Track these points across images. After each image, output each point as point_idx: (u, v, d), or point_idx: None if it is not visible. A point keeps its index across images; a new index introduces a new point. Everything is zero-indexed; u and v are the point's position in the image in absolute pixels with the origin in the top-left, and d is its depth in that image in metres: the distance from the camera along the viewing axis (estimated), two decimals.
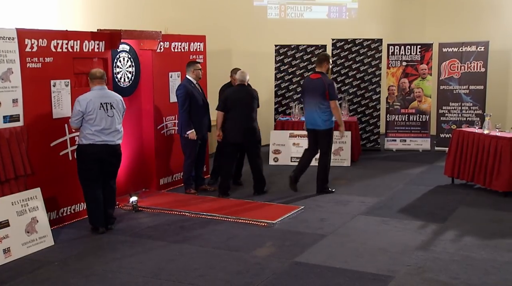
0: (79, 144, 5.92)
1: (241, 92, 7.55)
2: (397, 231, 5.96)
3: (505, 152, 7.20)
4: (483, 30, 10.96)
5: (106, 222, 6.06)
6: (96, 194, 5.94)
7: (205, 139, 7.90)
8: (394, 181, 8.34)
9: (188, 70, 7.50)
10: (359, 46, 10.75)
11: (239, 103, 7.46)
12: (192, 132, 7.36)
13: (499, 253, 5.25)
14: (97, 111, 5.80)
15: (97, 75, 5.94)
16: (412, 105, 10.80)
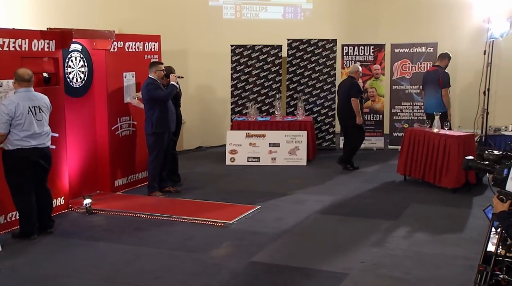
0: (5, 150, 5.57)
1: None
2: (352, 229, 6.10)
3: (453, 149, 7.48)
4: (432, 31, 11.31)
5: (45, 226, 5.88)
6: (30, 199, 5.69)
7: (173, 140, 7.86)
8: (349, 179, 8.51)
9: (151, 71, 7.41)
10: (314, 47, 10.91)
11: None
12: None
13: (448, 247, 5.45)
14: (26, 116, 5.52)
15: (26, 78, 5.58)
16: (366, 105, 10.98)
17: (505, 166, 3.60)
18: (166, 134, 7.47)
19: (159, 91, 7.32)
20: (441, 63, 8.40)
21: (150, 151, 7.49)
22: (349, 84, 8.92)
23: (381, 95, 11.00)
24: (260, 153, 9.54)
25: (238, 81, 10.92)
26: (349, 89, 8.83)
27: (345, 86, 9.09)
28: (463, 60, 11.08)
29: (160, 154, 7.45)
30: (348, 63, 10.93)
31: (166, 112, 7.39)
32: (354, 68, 9.16)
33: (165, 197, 7.44)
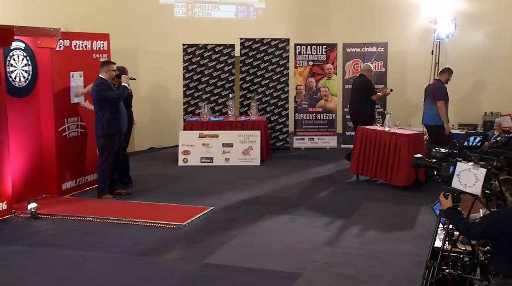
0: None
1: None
2: (305, 228, 6.16)
3: (403, 148, 7.67)
4: (382, 31, 11.59)
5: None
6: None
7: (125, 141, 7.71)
8: (303, 178, 8.58)
9: (102, 70, 7.22)
10: (267, 46, 10.96)
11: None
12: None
13: (398, 244, 5.59)
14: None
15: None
16: (319, 104, 11.17)
17: (451, 163, 3.72)
18: (117, 136, 7.32)
19: (110, 92, 7.17)
20: (441, 77, 8.58)
21: (100, 152, 7.32)
22: (360, 83, 9.19)
23: (333, 95, 11.15)
24: (213, 153, 9.50)
25: (190, 81, 10.83)
26: (362, 89, 9.07)
27: (356, 84, 9.33)
28: (413, 60, 11.41)
29: (111, 156, 7.29)
30: (301, 62, 11.05)
31: (117, 113, 7.24)
32: (366, 67, 9.39)
33: (115, 200, 7.30)
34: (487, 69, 10.99)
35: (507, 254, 3.25)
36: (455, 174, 3.57)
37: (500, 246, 3.32)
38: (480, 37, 11.07)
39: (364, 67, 9.43)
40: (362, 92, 9.15)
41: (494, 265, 3.39)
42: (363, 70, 9.37)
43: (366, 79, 9.22)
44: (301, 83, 11.12)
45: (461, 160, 3.70)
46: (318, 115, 11.16)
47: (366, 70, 9.31)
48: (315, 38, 11.43)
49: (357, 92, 9.21)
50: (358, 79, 9.45)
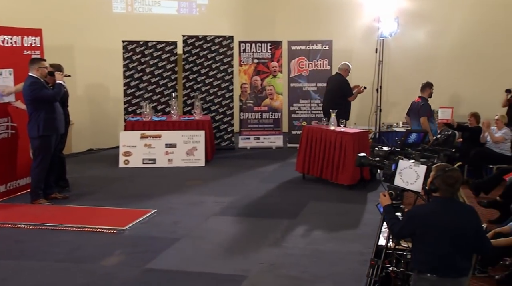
0: None
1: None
2: (251, 230, 6.17)
3: (349, 146, 7.82)
4: (327, 29, 11.78)
5: None
6: None
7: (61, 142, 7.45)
8: (249, 179, 8.61)
9: (32, 68, 6.93)
10: (211, 43, 10.91)
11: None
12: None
13: (344, 244, 5.69)
14: None
15: None
16: (265, 103, 11.23)
17: (393, 161, 3.82)
18: (53, 137, 7.07)
19: (45, 90, 6.90)
20: (423, 94, 8.73)
21: (35, 154, 7.05)
22: (338, 82, 9.25)
23: (279, 93, 11.24)
24: (156, 154, 9.36)
25: (131, 80, 10.62)
26: (339, 88, 9.17)
27: (332, 83, 9.37)
28: (357, 58, 11.64)
29: (46, 158, 7.04)
30: (245, 60, 11.06)
31: (54, 113, 7.00)
32: (344, 66, 9.42)
33: (50, 205, 7.05)
34: (429, 67, 11.38)
35: (420, 251, 3.40)
36: (397, 171, 3.68)
37: (415, 243, 3.46)
38: (422, 36, 11.46)
39: (342, 66, 9.48)
40: (339, 91, 9.24)
41: (412, 262, 3.54)
42: (340, 69, 9.45)
43: (343, 79, 9.34)
44: (246, 82, 11.13)
45: (403, 158, 3.81)
46: (263, 114, 11.22)
47: (344, 69, 9.40)
48: (260, 35, 11.48)
49: (334, 91, 9.28)
50: (334, 78, 9.51)
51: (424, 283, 3.36)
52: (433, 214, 3.35)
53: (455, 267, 3.32)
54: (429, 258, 3.34)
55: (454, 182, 3.34)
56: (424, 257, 3.37)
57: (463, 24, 11.19)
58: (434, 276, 3.32)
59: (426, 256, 3.35)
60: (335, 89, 9.28)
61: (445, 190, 3.35)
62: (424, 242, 3.37)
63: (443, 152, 4.35)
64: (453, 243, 3.29)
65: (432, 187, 3.39)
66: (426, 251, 3.35)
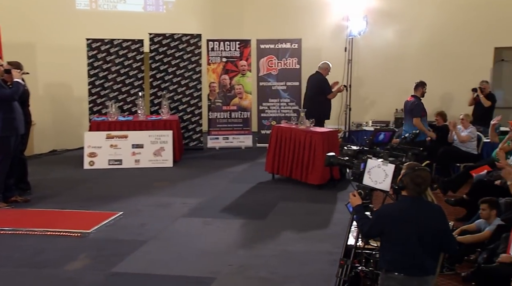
0: None
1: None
2: (220, 231, 6.15)
3: (318, 146, 7.87)
4: (296, 27, 11.84)
5: None
6: None
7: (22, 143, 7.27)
8: (217, 179, 8.58)
9: None
10: (178, 41, 10.84)
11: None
12: None
13: (313, 244, 5.73)
14: None
15: None
16: (234, 102, 11.22)
17: (362, 161, 3.86)
18: (13, 137, 6.90)
19: (2, 90, 6.74)
20: (416, 93, 8.72)
21: None
22: (317, 81, 9.30)
23: (248, 92, 11.25)
24: (122, 155, 9.25)
25: (96, 78, 10.47)
26: (319, 86, 9.27)
27: (312, 82, 9.40)
28: (327, 57, 11.65)
29: (6, 160, 6.87)
30: (213, 59, 11.03)
31: (13, 113, 6.83)
32: (324, 65, 9.50)
33: (10, 208, 6.88)
34: (397, 66, 11.56)
35: (388, 250, 3.44)
36: (366, 170, 3.71)
37: (383, 242, 3.50)
38: (390, 35, 11.63)
39: (323, 65, 9.55)
40: (319, 90, 9.33)
41: (380, 261, 3.58)
42: (320, 68, 9.51)
43: (322, 78, 9.41)
44: (214, 81, 11.10)
45: (371, 157, 3.85)
46: (232, 113, 11.21)
47: (324, 68, 9.48)
48: (228, 34, 11.47)
49: (314, 90, 9.34)
50: (314, 76, 9.55)
51: (392, 282, 3.40)
52: (401, 213, 3.39)
53: (422, 266, 3.37)
54: (396, 257, 3.38)
55: (422, 181, 3.38)
56: (391, 256, 3.41)
57: (431, 23, 11.39)
58: (402, 274, 3.36)
59: (394, 255, 3.39)
60: (314, 88, 9.36)
61: (413, 189, 3.39)
62: (392, 241, 3.40)
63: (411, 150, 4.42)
64: (421, 242, 3.33)
65: (400, 184, 3.43)
66: (394, 250, 3.39)
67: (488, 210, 5.25)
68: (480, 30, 10.98)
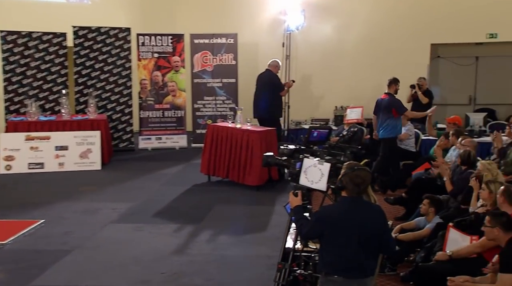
0: None
1: None
2: (152, 237, 6.06)
3: (256, 145, 7.90)
4: (232, 22, 11.83)
5: None
6: None
7: None
8: (150, 182, 8.48)
9: None
10: (105, 35, 10.60)
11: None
12: None
13: (251, 248, 5.75)
14: None
15: None
16: (167, 100, 11.10)
17: (298, 160, 3.90)
18: None
19: None
20: (390, 90, 8.57)
21: None
22: (269, 79, 9.31)
23: (182, 90, 11.15)
24: (44, 158, 8.98)
25: (13, 75, 10.08)
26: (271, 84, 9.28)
27: (264, 79, 9.35)
28: (264, 53, 11.80)
29: None
30: (144, 54, 10.87)
31: None
32: (274, 62, 9.53)
33: None
34: (336, 62, 11.80)
35: (328, 252, 3.49)
36: (302, 170, 3.75)
37: (322, 244, 3.56)
38: (328, 30, 11.84)
39: (272, 62, 9.57)
40: (271, 87, 9.34)
41: (319, 263, 3.63)
42: (270, 65, 9.52)
43: (274, 75, 9.43)
44: (145, 78, 10.94)
45: (308, 156, 3.89)
46: (165, 112, 11.09)
47: (274, 66, 9.50)
48: (160, 28, 11.32)
49: (266, 88, 9.33)
50: (265, 74, 9.53)
51: (331, 285, 3.45)
52: (340, 215, 3.44)
53: (362, 268, 3.43)
54: (336, 259, 3.43)
55: (361, 181, 3.43)
56: (331, 258, 3.45)
57: (368, 19, 11.69)
58: (341, 277, 3.42)
59: (333, 258, 3.44)
60: (267, 86, 9.37)
61: (352, 189, 3.44)
62: (332, 243, 3.45)
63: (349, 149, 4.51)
64: (360, 244, 3.39)
65: (339, 184, 3.48)
66: (334, 252, 3.44)
67: (427, 206, 5.45)
68: (416, 26, 11.38)
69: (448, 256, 4.47)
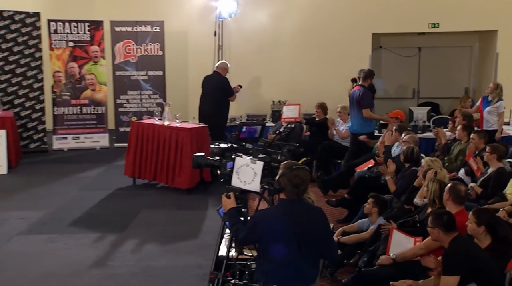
0: None
1: None
2: (68, 249, 5.94)
3: (186, 144, 7.86)
4: (157, 8, 11.70)
5: None
6: None
7: None
8: (66, 187, 8.32)
9: None
10: (9, 21, 10.29)
11: None
12: None
13: (180, 257, 5.72)
14: None
15: None
16: (85, 95, 10.90)
17: (230, 159, 3.89)
18: None
19: None
20: (364, 83, 8.66)
21: None
22: (219, 82, 9.21)
23: (102, 83, 10.99)
24: None
25: None
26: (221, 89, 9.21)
27: (213, 83, 9.25)
28: (194, 42, 11.77)
29: None
30: (57, 43, 10.63)
31: None
32: (223, 65, 9.48)
33: None
34: (273, 53, 11.89)
35: (265, 260, 3.52)
36: (234, 170, 3.74)
37: (260, 251, 3.58)
38: (264, 17, 11.90)
39: (221, 64, 9.51)
40: (221, 92, 9.26)
41: (256, 272, 3.65)
42: (218, 68, 9.44)
43: (223, 78, 9.34)
44: (59, 70, 10.73)
45: (241, 155, 3.89)
46: (84, 108, 10.91)
47: (222, 68, 9.43)
48: (75, 13, 11.10)
49: (215, 92, 9.23)
50: (214, 77, 9.42)
51: None
52: (278, 219, 3.46)
53: (303, 275, 3.47)
54: (274, 267, 3.44)
55: (301, 182, 3.46)
56: (269, 266, 3.47)
57: (305, 5, 11.81)
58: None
59: (272, 265, 3.45)
60: (217, 90, 9.27)
61: (291, 191, 3.46)
62: (270, 250, 3.46)
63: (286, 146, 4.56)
64: (300, 250, 3.42)
65: (277, 186, 3.49)
66: (272, 259, 3.45)
67: (371, 206, 5.58)
68: (357, 15, 11.63)
69: (391, 259, 4.59)
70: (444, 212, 4.33)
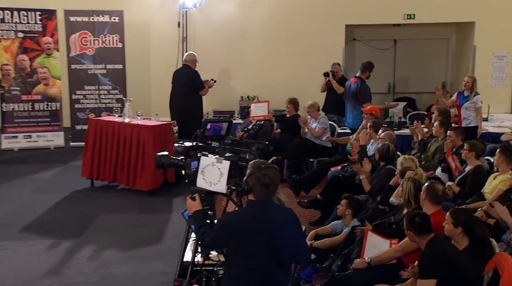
0: None
1: None
2: (19, 257, 5.88)
3: (148, 143, 7.82)
4: None
5: None
6: None
7: None
8: (17, 190, 8.24)
9: None
10: None
11: None
12: None
13: (142, 264, 5.70)
14: None
15: None
16: (37, 90, 10.77)
17: (195, 158, 3.88)
18: None
19: None
20: (361, 75, 8.85)
21: None
22: (189, 75, 9.14)
23: (56, 78, 10.87)
24: None
25: None
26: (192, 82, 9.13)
27: (183, 76, 9.19)
28: (157, 34, 11.69)
29: None
30: (5, 33, 10.50)
31: None
32: (192, 56, 9.35)
33: None
34: (241, 45, 11.87)
35: (234, 265, 3.53)
36: (199, 170, 3.73)
37: (228, 256, 3.58)
38: (231, 7, 11.86)
39: (189, 57, 9.40)
40: (191, 85, 9.17)
41: (224, 278, 3.64)
42: (187, 61, 9.35)
43: (193, 71, 9.28)
44: (8, 62, 10.60)
45: (207, 154, 3.88)
46: (36, 105, 10.80)
47: (191, 60, 9.34)
48: (25, 1, 10.89)
49: (185, 86, 9.16)
50: (183, 71, 9.36)
51: None
52: (247, 221, 3.46)
53: (274, 281, 3.47)
54: (244, 273, 3.44)
55: (270, 182, 3.46)
56: (238, 272, 3.47)
57: None
58: None
59: (241, 271, 3.45)
60: (187, 84, 9.20)
61: (260, 191, 3.46)
62: (239, 255, 3.46)
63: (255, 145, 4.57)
64: (271, 254, 3.43)
65: (245, 186, 3.49)
66: (241, 265, 3.45)
67: (345, 207, 5.62)
68: (329, 5, 11.68)
69: (366, 263, 4.63)
70: (416, 213, 4.34)
